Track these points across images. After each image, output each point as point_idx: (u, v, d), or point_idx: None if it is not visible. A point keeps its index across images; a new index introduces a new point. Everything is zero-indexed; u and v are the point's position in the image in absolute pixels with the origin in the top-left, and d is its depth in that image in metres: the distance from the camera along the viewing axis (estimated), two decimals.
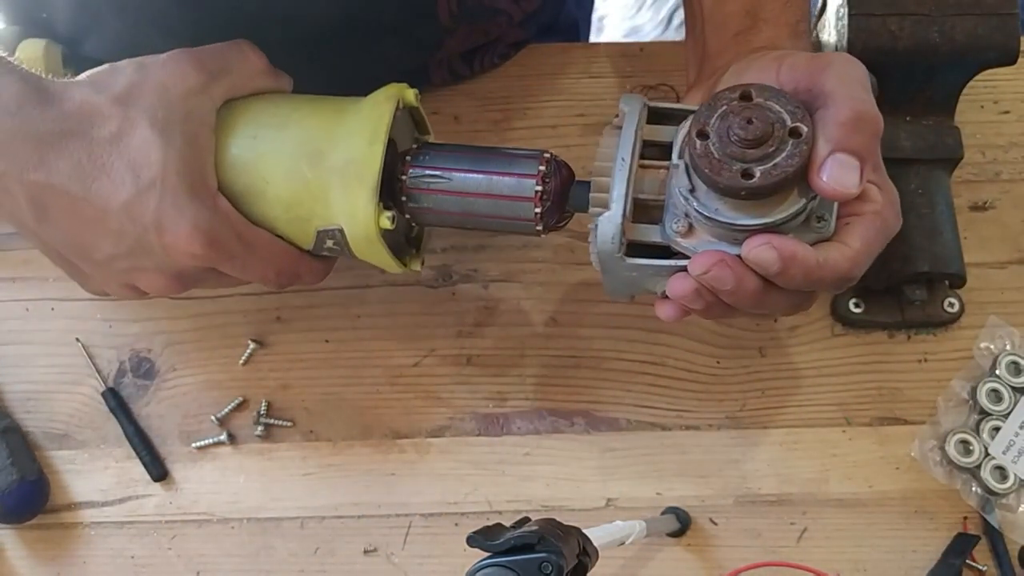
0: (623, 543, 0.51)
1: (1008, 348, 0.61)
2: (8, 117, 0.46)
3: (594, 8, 0.95)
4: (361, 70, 0.59)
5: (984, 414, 0.60)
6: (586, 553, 0.42)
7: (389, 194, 0.51)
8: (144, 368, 0.63)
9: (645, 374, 0.62)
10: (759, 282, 0.44)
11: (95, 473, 0.61)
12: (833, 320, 0.63)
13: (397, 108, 0.51)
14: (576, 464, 0.61)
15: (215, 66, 0.50)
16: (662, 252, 0.47)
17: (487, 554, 0.39)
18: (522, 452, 0.61)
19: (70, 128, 0.46)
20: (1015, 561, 0.58)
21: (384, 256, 0.52)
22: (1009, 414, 0.60)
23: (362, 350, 0.63)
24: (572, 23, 0.83)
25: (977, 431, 0.60)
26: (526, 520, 0.42)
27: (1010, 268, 0.64)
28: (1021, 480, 0.59)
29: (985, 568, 0.58)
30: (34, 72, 0.48)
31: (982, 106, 0.68)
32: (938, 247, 0.60)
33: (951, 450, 0.59)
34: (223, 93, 0.50)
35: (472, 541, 0.39)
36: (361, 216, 0.50)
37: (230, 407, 0.61)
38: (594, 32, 1.66)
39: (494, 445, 0.61)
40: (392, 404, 0.62)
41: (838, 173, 0.42)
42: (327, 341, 0.63)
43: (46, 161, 0.46)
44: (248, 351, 0.62)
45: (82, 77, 0.49)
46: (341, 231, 0.51)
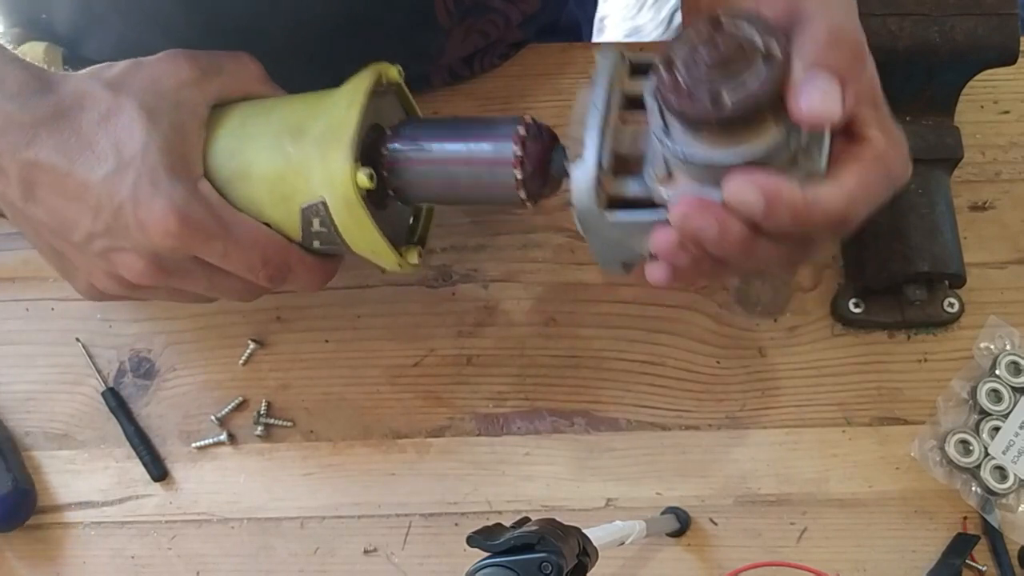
0: (623, 543, 0.51)
1: (1008, 348, 0.61)
2: (8, 101, 0.47)
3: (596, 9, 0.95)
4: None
5: (984, 414, 0.60)
6: (586, 553, 0.42)
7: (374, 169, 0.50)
8: (144, 368, 0.63)
9: (645, 374, 0.62)
10: (745, 228, 0.41)
11: (95, 473, 0.61)
12: (833, 320, 0.63)
13: (379, 83, 0.51)
14: (576, 464, 0.61)
15: (209, 65, 0.51)
16: (647, 207, 0.44)
17: (487, 554, 0.39)
18: (522, 452, 0.61)
19: (63, 111, 0.48)
20: (1015, 561, 0.58)
21: (370, 229, 0.50)
22: (1009, 414, 0.60)
23: (362, 350, 0.63)
24: (574, 24, 0.83)
25: (977, 431, 0.60)
26: (526, 520, 0.42)
27: (1010, 268, 0.64)
28: (1021, 480, 0.59)
29: (985, 568, 0.58)
30: (36, 64, 0.50)
31: (982, 106, 0.68)
32: (938, 247, 0.60)
33: (951, 450, 0.59)
34: (216, 90, 0.51)
35: (472, 541, 0.39)
36: (338, 177, 0.48)
37: (230, 407, 0.61)
38: (595, 33, 1.66)
39: (494, 445, 0.61)
40: (392, 404, 0.62)
41: (816, 96, 0.38)
42: (327, 341, 0.63)
43: (37, 140, 0.47)
44: (248, 351, 0.62)
45: (81, 71, 0.50)
46: (324, 204, 0.49)
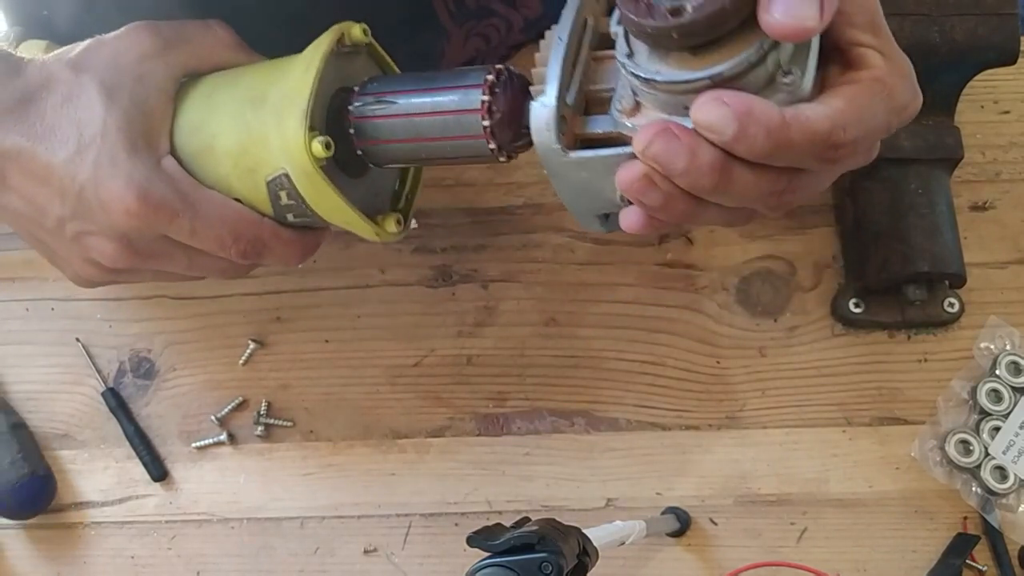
0: (623, 543, 0.51)
1: (1008, 348, 0.61)
2: None
3: None
4: None
5: (984, 414, 0.60)
6: (586, 553, 0.42)
7: (337, 130, 0.48)
8: (144, 368, 0.63)
9: (645, 374, 0.62)
10: (717, 154, 0.37)
11: (95, 473, 0.61)
12: (833, 320, 0.63)
13: (342, 43, 0.49)
14: (576, 464, 0.61)
15: (173, 35, 0.49)
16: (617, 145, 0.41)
17: (487, 554, 0.39)
18: (522, 452, 0.61)
19: (29, 95, 0.47)
20: (1015, 561, 0.58)
21: (334, 198, 0.47)
22: (1009, 414, 0.60)
23: (362, 350, 0.63)
24: None
25: (977, 431, 0.60)
26: (526, 520, 0.42)
27: (1010, 268, 0.64)
28: (1021, 480, 0.59)
29: (985, 568, 0.58)
30: (2, 48, 0.49)
31: (982, 106, 0.67)
32: (938, 247, 0.60)
33: (951, 450, 0.59)
34: (182, 62, 0.49)
35: (472, 541, 0.39)
36: (293, 146, 0.46)
37: (230, 407, 0.62)
38: None
39: (494, 445, 0.61)
40: (392, 404, 0.62)
41: (789, 3, 0.34)
42: (327, 341, 0.63)
43: (4, 126, 0.47)
44: (248, 351, 0.62)
45: (48, 54, 0.49)
46: (287, 176, 0.47)
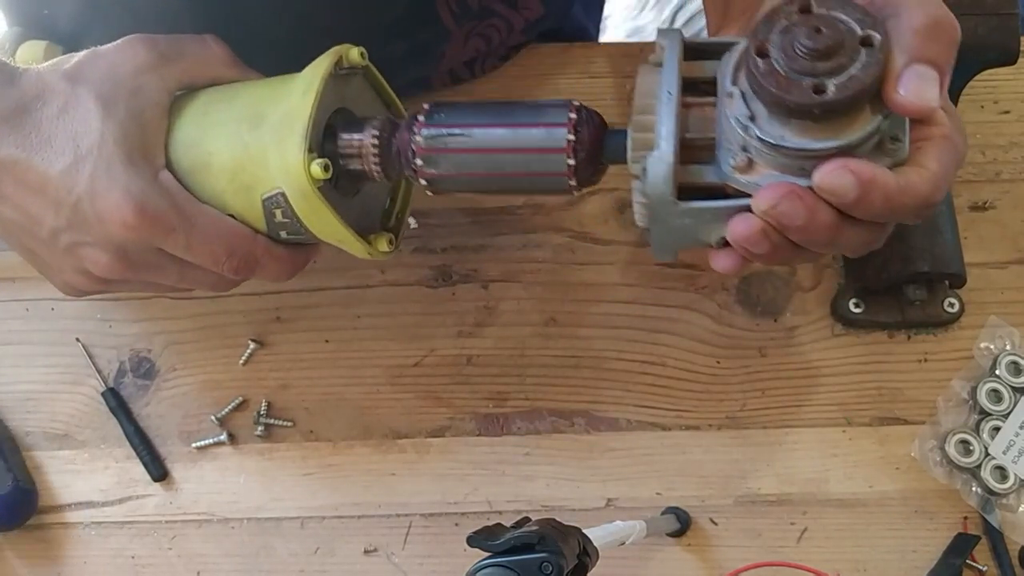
0: (623, 543, 0.51)
1: (1008, 348, 0.61)
2: None
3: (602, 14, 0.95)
4: None
5: (984, 414, 0.60)
6: (586, 553, 0.42)
7: (402, 164, 0.49)
8: (144, 368, 0.63)
9: (645, 374, 0.62)
10: (833, 214, 0.40)
11: (95, 473, 0.61)
12: (833, 320, 0.63)
13: (339, 65, 0.50)
14: (576, 464, 0.61)
15: (169, 49, 0.50)
16: (715, 196, 0.43)
17: (487, 554, 0.39)
18: (522, 452, 0.61)
19: (24, 105, 0.47)
20: (1015, 561, 0.58)
21: (330, 219, 0.48)
22: (1009, 414, 0.60)
23: (362, 350, 0.63)
24: (579, 28, 0.83)
25: (977, 431, 0.60)
26: (526, 520, 0.42)
27: (1010, 268, 0.64)
28: (1021, 480, 0.59)
29: (985, 568, 0.58)
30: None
31: (982, 106, 0.67)
32: (938, 247, 0.60)
33: (951, 450, 0.59)
34: (177, 75, 0.50)
35: (472, 541, 0.39)
36: (292, 167, 0.46)
37: (230, 407, 0.61)
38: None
39: (494, 445, 0.61)
40: (392, 404, 0.62)
41: (917, 85, 0.38)
42: (327, 341, 0.63)
43: (0, 137, 0.47)
44: (248, 351, 0.62)
45: (44, 63, 0.49)
46: (283, 195, 0.48)
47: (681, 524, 0.58)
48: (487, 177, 0.48)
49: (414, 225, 0.64)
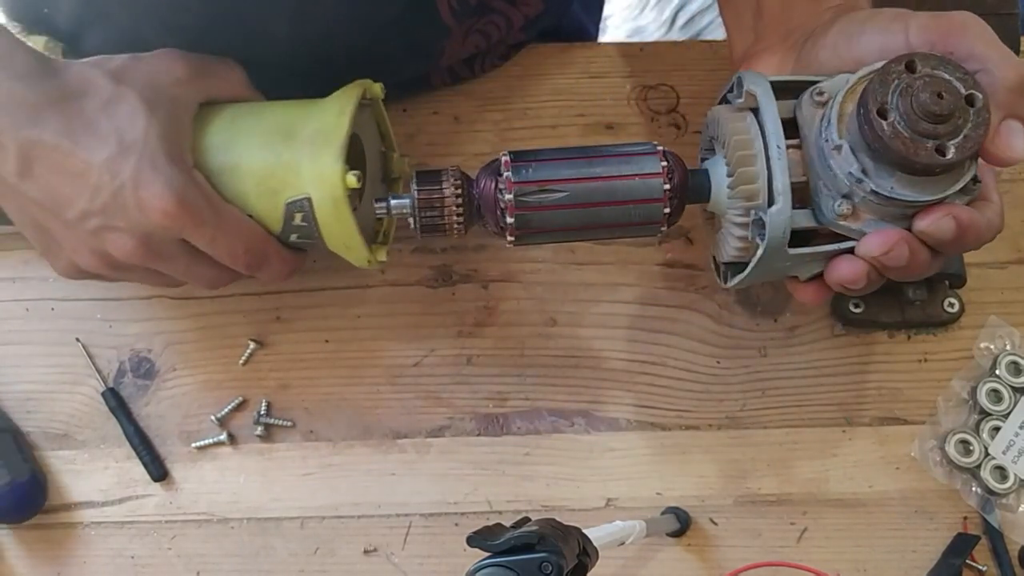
0: (623, 543, 0.51)
1: (1008, 348, 0.61)
2: (16, 81, 0.49)
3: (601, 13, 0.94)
4: (365, 73, 0.59)
5: (984, 414, 0.60)
6: (586, 553, 0.42)
7: (485, 219, 0.49)
8: (144, 368, 0.63)
9: (645, 374, 0.62)
10: (929, 253, 0.45)
11: (95, 473, 0.61)
12: (833, 320, 0.63)
13: (363, 96, 0.54)
14: (576, 464, 0.61)
15: (200, 66, 0.54)
16: (806, 238, 0.46)
17: (487, 554, 0.39)
18: (522, 452, 0.61)
19: (67, 95, 0.50)
20: (1015, 561, 0.58)
21: (350, 226, 0.51)
22: (1009, 414, 0.60)
23: (362, 350, 0.63)
24: (578, 28, 0.83)
25: (977, 431, 0.60)
26: (526, 520, 0.42)
27: (1010, 268, 0.64)
28: (1021, 480, 0.59)
29: (985, 568, 0.58)
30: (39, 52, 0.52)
31: None
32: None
33: (951, 450, 0.59)
34: (205, 90, 0.54)
35: (472, 541, 0.39)
36: (328, 175, 0.50)
37: (230, 407, 0.61)
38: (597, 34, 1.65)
39: (494, 445, 0.61)
40: (392, 404, 0.62)
41: (1011, 140, 0.42)
42: (327, 341, 0.63)
43: (42, 120, 0.49)
44: (248, 351, 0.62)
45: (83, 60, 0.52)
46: (309, 200, 0.51)
47: (681, 524, 0.58)
48: (580, 230, 0.48)
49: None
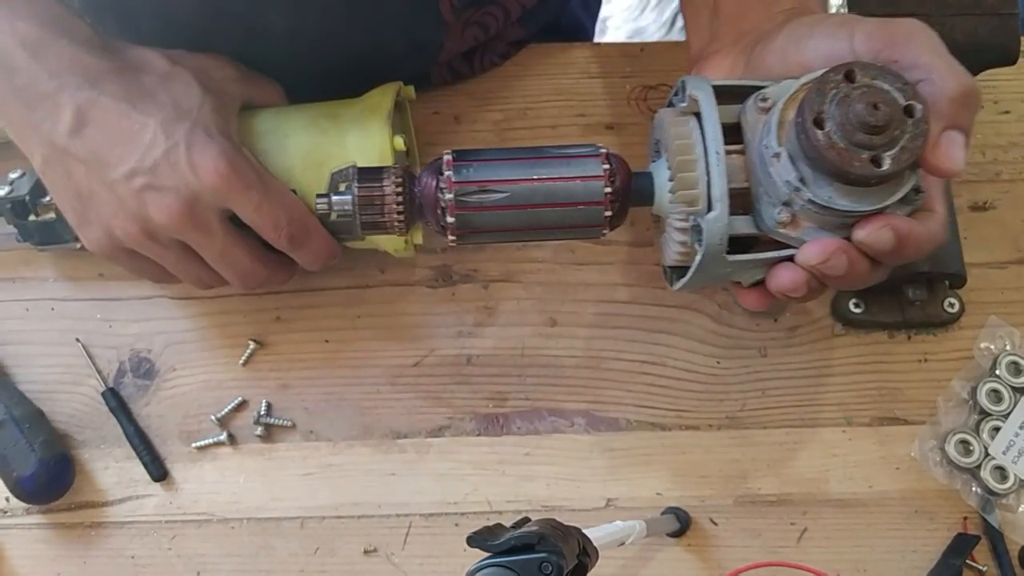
0: (623, 543, 0.51)
1: (1008, 348, 0.61)
2: (79, 46, 0.51)
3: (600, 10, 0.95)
4: (364, 69, 0.59)
5: (984, 414, 0.60)
6: (586, 553, 0.42)
7: (426, 218, 0.49)
8: (144, 368, 0.63)
9: (645, 374, 0.62)
10: (868, 263, 0.45)
11: (95, 473, 0.61)
12: (833, 320, 0.63)
13: (399, 94, 0.57)
14: (576, 464, 0.61)
15: (248, 73, 0.57)
16: (748, 244, 0.46)
17: (487, 554, 0.39)
18: (522, 452, 0.61)
19: (125, 66, 0.52)
20: (1015, 561, 0.58)
21: None
22: (1009, 414, 0.60)
23: (362, 350, 0.63)
24: (576, 25, 0.83)
25: (977, 431, 0.60)
26: (526, 520, 0.42)
27: (1010, 268, 0.64)
28: (1021, 480, 0.59)
29: (985, 568, 0.58)
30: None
31: (982, 106, 0.67)
32: (938, 247, 0.60)
33: (951, 450, 0.59)
34: (249, 92, 0.57)
35: (472, 541, 0.39)
36: (375, 139, 0.53)
37: (230, 407, 0.61)
38: (597, 33, 1.66)
39: (494, 445, 0.61)
40: (392, 404, 0.62)
41: (951, 151, 0.42)
42: (327, 341, 0.63)
43: (101, 82, 0.51)
44: (248, 351, 0.62)
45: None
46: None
47: (681, 524, 0.58)
48: (520, 231, 0.47)
49: None
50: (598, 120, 0.67)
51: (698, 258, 0.46)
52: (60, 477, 0.59)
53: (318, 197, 0.49)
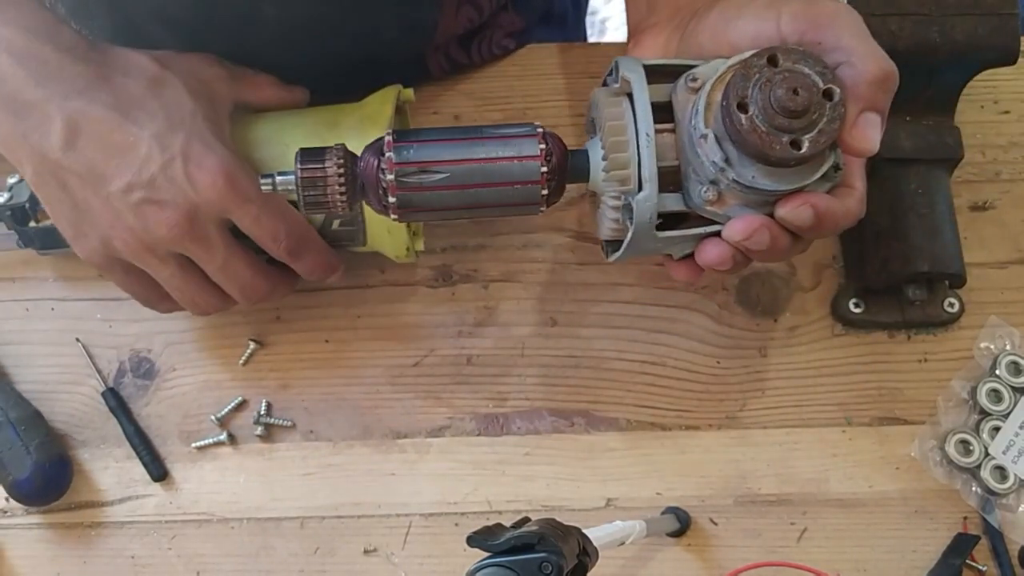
0: (623, 543, 0.51)
1: (1008, 348, 0.61)
2: (64, 52, 0.50)
3: (588, 6, 0.95)
4: (360, 55, 0.59)
5: (984, 414, 0.60)
6: (586, 553, 0.42)
7: (367, 197, 0.49)
8: (144, 368, 0.63)
9: (645, 374, 0.62)
10: (790, 238, 0.46)
11: (95, 473, 0.61)
12: (833, 320, 0.63)
13: (399, 99, 0.57)
14: (576, 464, 0.61)
15: (237, 71, 0.56)
16: (679, 218, 0.48)
17: (487, 554, 0.39)
18: (522, 452, 0.61)
19: (112, 71, 0.51)
20: (1015, 561, 0.58)
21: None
22: (1009, 414, 0.60)
23: (362, 350, 0.63)
24: (564, 13, 0.83)
25: (977, 431, 0.60)
26: (526, 520, 0.42)
27: (1010, 268, 0.64)
28: (1021, 480, 0.59)
29: (985, 568, 0.58)
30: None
31: (982, 106, 0.68)
32: (938, 247, 0.60)
33: (951, 450, 0.59)
34: (240, 91, 0.56)
35: (472, 541, 0.39)
36: None
37: (230, 407, 0.61)
38: (596, 34, 1.66)
39: (494, 445, 0.61)
40: (392, 404, 0.62)
41: (867, 132, 0.43)
42: (327, 341, 0.63)
43: (89, 91, 0.50)
44: (248, 351, 0.62)
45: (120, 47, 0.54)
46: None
47: (681, 524, 0.58)
48: (461, 209, 0.48)
49: None
50: None
51: (629, 235, 0.47)
52: (57, 479, 0.59)
53: (262, 177, 0.48)
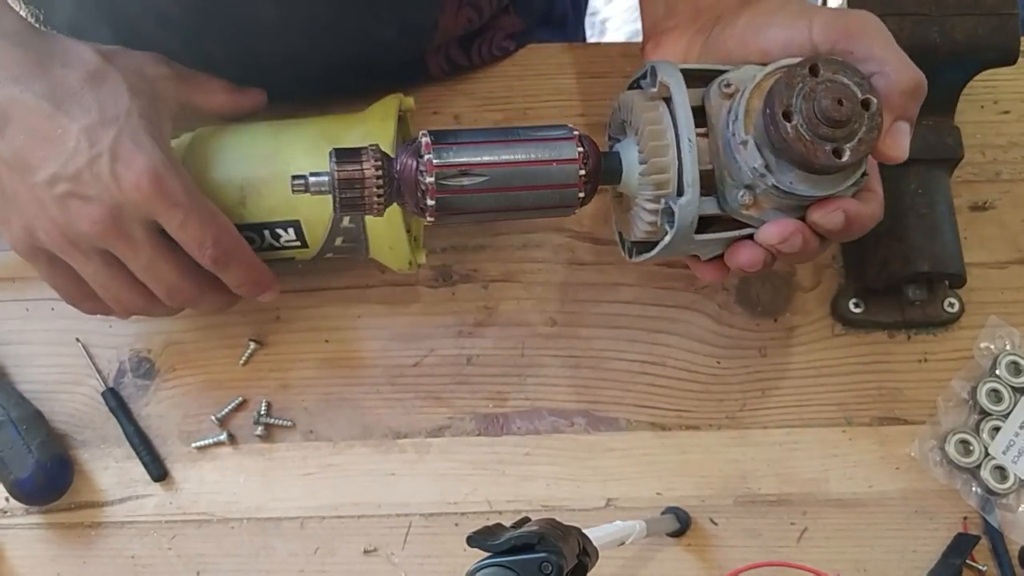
0: (623, 543, 0.51)
1: (1008, 348, 0.61)
2: (2, 38, 0.50)
3: (588, 6, 0.95)
4: (360, 56, 0.58)
5: (984, 414, 0.60)
6: (586, 553, 0.42)
7: (404, 199, 0.49)
8: (144, 368, 0.63)
9: (645, 374, 0.62)
10: (819, 240, 0.48)
11: (95, 473, 0.61)
12: (833, 320, 0.63)
13: (400, 108, 0.56)
14: (576, 464, 0.61)
15: (185, 72, 0.55)
16: (709, 220, 0.48)
17: (487, 554, 0.39)
18: (522, 452, 0.61)
19: (52, 60, 0.50)
20: (1015, 561, 0.58)
21: (397, 221, 0.53)
22: (1009, 414, 0.60)
23: (362, 350, 0.63)
24: (564, 16, 0.83)
25: (977, 431, 0.60)
26: (526, 520, 0.42)
27: (1010, 268, 0.64)
28: (1021, 480, 0.59)
29: (985, 568, 0.58)
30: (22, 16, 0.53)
31: (982, 106, 0.68)
32: (938, 247, 0.60)
33: (951, 450, 0.59)
34: (186, 93, 0.55)
35: (472, 541, 0.39)
36: None
37: (230, 407, 0.61)
38: (596, 34, 1.66)
39: (494, 445, 0.61)
40: (392, 404, 0.62)
41: (899, 140, 0.45)
42: (327, 341, 0.63)
43: (24, 79, 0.49)
44: (248, 351, 0.62)
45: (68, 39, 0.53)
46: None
47: (681, 524, 0.58)
48: (498, 211, 0.48)
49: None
50: (598, 120, 0.67)
51: (668, 238, 0.48)
52: (58, 479, 0.59)
53: (293, 179, 0.47)
